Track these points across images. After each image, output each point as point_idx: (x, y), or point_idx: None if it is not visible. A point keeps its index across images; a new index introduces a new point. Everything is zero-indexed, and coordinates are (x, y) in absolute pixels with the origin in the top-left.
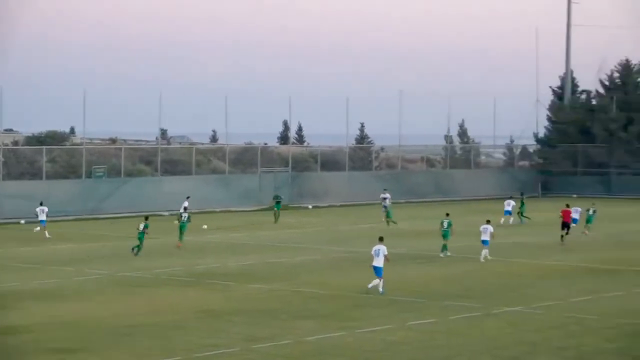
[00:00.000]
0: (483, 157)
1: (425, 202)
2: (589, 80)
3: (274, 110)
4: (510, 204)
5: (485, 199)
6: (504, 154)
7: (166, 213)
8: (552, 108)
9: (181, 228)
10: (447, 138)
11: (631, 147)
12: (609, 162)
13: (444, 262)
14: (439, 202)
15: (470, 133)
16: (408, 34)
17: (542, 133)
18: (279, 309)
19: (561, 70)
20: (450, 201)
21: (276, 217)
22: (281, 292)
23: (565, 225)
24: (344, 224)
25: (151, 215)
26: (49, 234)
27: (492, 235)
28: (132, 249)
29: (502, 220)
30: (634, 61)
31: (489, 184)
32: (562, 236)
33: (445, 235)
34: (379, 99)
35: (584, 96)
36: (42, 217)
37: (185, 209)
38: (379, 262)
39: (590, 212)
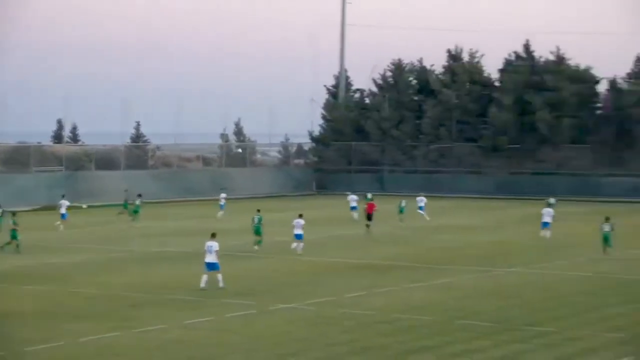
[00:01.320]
0: (259, 156)
1: (202, 200)
2: (363, 79)
3: (48, 109)
4: (423, 200)
5: (261, 197)
6: (280, 152)
7: None
8: (327, 107)
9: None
10: (223, 136)
11: (403, 146)
12: (382, 160)
13: (225, 261)
14: (216, 201)
15: (246, 131)
16: (182, 32)
17: (317, 131)
18: (55, 311)
19: (336, 70)
20: (227, 199)
21: (131, 214)
22: (57, 294)
23: (369, 217)
24: (120, 223)
25: None
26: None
27: (302, 228)
28: (3, 247)
29: (423, 214)
30: (405, 61)
31: (265, 182)
32: (367, 225)
33: (257, 231)
34: (156, 98)
35: (357, 95)
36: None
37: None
38: (211, 257)
39: (403, 204)
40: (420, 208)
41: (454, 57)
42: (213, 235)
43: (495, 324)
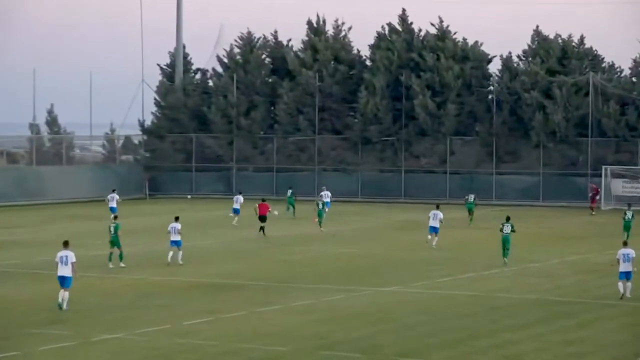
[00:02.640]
0: (78, 151)
1: (7, 206)
2: (205, 57)
3: None
4: (328, 195)
5: (81, 201)
6: (103, 146)
7: None
8: (161, 91)
9: None
10: (33, 127)
11: (254, 138)
12: (230, 156)
13: (27, 280)
14: (24, 207)
15: (61, 121)
16: None
17: (149, 121)
18: None
19: (171, 45)
20: (39, 205)
21: None
22: None
23: (262, 219)
24: None
25: None
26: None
27: (179, 232)
28: None
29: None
30: (257, 34)
31: (85, 183)
32: (261, 228)
33: (114, 243)
34: None
35: (199, 76)
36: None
37: None
38: (66, 271)
39: (320, 206)
40: (327, 204)
41: (315, 30)
42: (66, 244)
43: (365, 354)
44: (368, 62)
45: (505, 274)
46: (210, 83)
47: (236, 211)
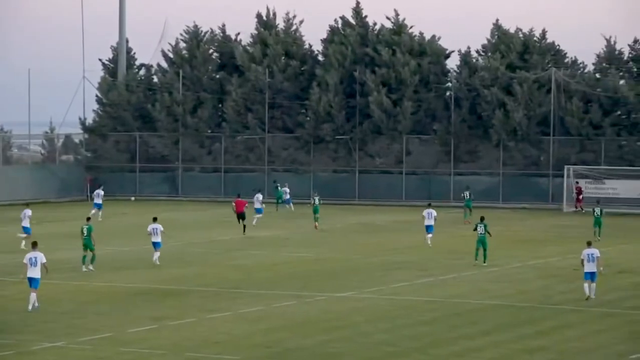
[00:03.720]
0: (15, 150)
1: None
2: (150, 52)
3: None
4: (287, 192)
5: (20, 204)
6: (42, 145)
7: None
8: (103, 87)
9: None
10: None
11: (200, 137)
12: (175, 155)
13: None
14: None
15: None
16: None
17: (91, 119)
18: None
19: (114, 39)
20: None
21: None
22: None
23: (240, 217)
24: None
25: None
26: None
27: (163, 234)
28: None
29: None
30: (204, 28)
31: (24, 185)
32: (244, 226)
33: (87, 245)
34: None
35: (143, 72)
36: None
37: None
38: (35, 272)
39: (317, 202)
40: (287, 201)
41: (265, 23)
42: (34, 245)
43: None
44: (320, 57)
45: (464, 279)
46: (155, 79)
47: (259, 211)
